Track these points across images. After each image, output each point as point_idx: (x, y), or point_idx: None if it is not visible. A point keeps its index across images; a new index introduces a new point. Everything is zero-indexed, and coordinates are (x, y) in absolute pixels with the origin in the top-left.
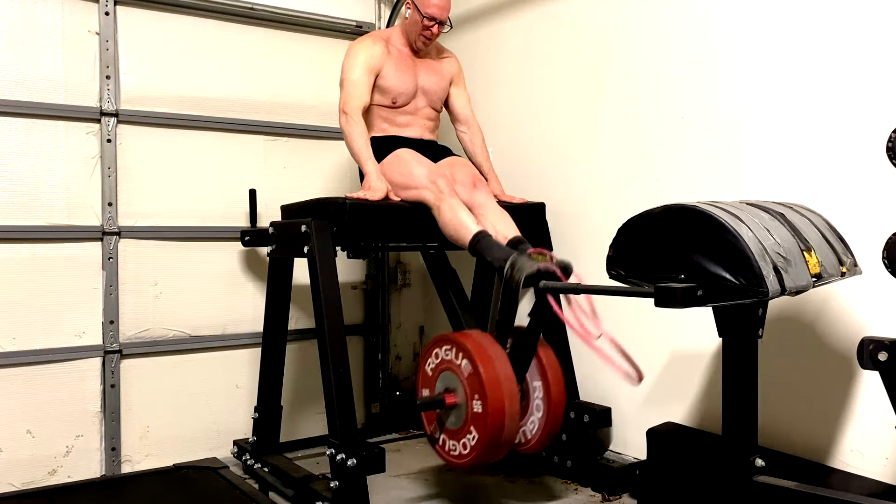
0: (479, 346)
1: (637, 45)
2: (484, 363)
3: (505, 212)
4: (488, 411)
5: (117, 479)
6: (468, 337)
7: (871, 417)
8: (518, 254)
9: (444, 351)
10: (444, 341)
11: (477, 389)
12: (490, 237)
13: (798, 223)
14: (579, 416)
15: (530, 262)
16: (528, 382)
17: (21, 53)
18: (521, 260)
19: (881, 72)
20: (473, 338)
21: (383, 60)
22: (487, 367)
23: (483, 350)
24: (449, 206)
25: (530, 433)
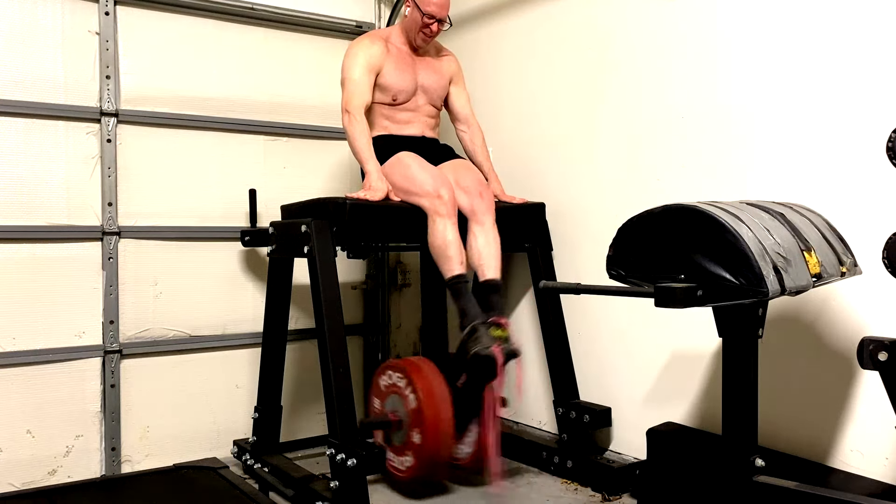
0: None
1: (637, 45)
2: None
3: (497, 241)
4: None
5: (117, 479)
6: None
7: (871, 417)
8: (480, 323)
9: (394, 376)
10: (393, 367)
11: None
12: (465, 284)
13: (798, 223)
14: (579, 416)
15: (487, 338)
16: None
17: (21, 53)
18: (480, 332)
19: (881, 72)
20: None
21: (383, 59)
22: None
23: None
24: (442, 229)
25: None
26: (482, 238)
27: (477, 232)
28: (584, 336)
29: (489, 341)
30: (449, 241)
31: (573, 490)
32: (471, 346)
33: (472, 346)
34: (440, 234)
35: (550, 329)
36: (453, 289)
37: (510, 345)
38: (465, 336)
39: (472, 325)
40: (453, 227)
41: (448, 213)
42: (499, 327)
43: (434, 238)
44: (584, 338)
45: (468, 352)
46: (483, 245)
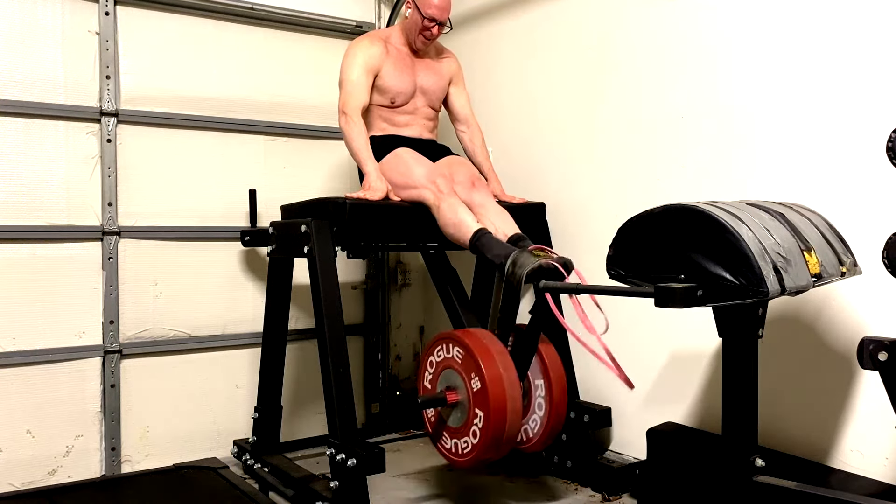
0: (480, 343)
1: (637, 45)
2: (486, 361)
3: (504, 210)
4: (490, 410)
5: (117, 479)
6: (470, 335)
7: (871, 417)
8: (519, 251)
9: (446, 349)
10: (446, 339)
11: (479, 387)
12: (490, 234)
13: (798, 223)
14: (579, 416)
15: (532, 258)
16: (530, 380)
17: (21, 53)
18: (523, 256)
19: (881, 72)
20: (475, 335)
21: (382, 60)
22: (489, 365)
23: (485, 348)
24: (448, 205)
25: (532, 431)
26: (491, 213)
27: (482, 212)
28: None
29: (536, 260)
30: (459, 212)
31: (573, 490)
32: (519, 272)
33: (519, 270)
34: (449, 210)
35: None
36: (479, 242)
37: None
38: (510, 267)
39: (512, 256)
40: (459, 202)
41: (449, 192)
42: (541, 251)
43: (444, 217)
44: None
45: (516, 277)
46: (495, 217)
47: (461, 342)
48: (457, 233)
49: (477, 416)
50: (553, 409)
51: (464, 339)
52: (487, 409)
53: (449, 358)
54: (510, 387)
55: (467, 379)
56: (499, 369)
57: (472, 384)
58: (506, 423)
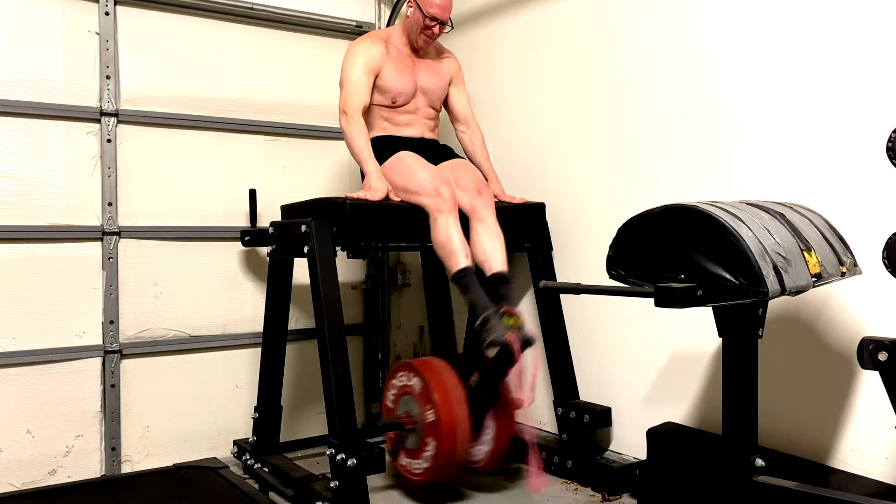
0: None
1: (637, 45)
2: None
3: (500, 234)
4: (442, 440)
5: (117, 479)
6: (428, 367)
7: (871, 417)
8: (492, 313)
9: (407, 376)
10: (407, 368)
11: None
12: (472, 276)
13: (798, 223)
14: (579, 416)
15: (501, 327)
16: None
17: (21, 53)
18: (493, 321)
19: (881, 72)
20: (434, 368)
21: (382, 60)
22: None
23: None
24: (444, 224)
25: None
26: (485, 234)
27: (479, 229)
28: (584, 336)
29: (503, 330)
30: (452, 237)
31: (573, 490)
32: (485, 336)
33: (485, 335)
34: (443, 230)
35: (550, 329)
36: (460, 283)
37: (525, 332)
38: (478, 327)
39: (483, 316)
40: (455, 223)
41: (449, 209)
42: (511, 316)
43: (437, 235)
44: (584, 338)
45: (483, 342)
46: (486, 240)
47: (420, 374)
48: (443, 256)
49: (429, 443)
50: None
51: (422, 372)
52: (439, 439)
53: (409, 385)
54: (460, 420)
55: (423, 409)
56: (451, 405)
57: (427, 414)
58: (455, 451)
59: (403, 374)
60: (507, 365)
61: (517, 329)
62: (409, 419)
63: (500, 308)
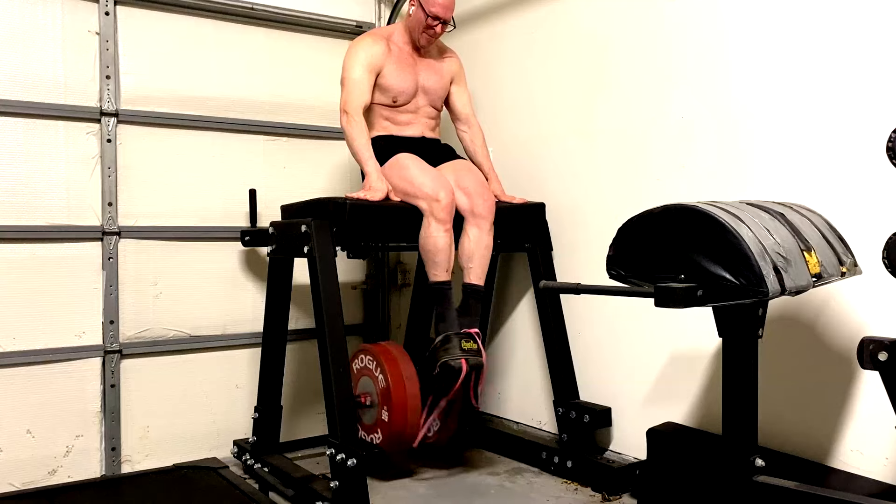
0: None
1: (637, 45)
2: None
3: (489, 246)
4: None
5: (117, 479)
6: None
7: (871, 417)
8: (454, 333)
9: (367, 360)
10: (364, 351)
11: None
12: (449, 292)
13: (798, 223)
14: (579, 416)
15: (457, 349)
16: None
17: (21, 53)
18: (453, 342)
19: (881, 72)
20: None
21: (384, 59)
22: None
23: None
24: (435, 233)
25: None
26: (475, 241)
27: (472, 234)
28: (584, 336)
29: (459, 353)
30: (440, 248)
31: (573, 490)
32: (440, 355)
33: (441, 354)
34: (432, 237)
35: (550, 329)
36: (436, 293)
37: (478, 358)
38: (439, 343)
39: (446, 333)
40: (446, 234)
41: (444, 218)
42: (470, 339)
43: (426, 240)
44: (584, 338)
45: (437, 359)
46: (475, 247)
47: (373, 354)
48: (426, 261)
49: (382, 413)
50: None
51: (376, 352)
52: (390, 407)
53: (366, 367)
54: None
55: (377, 384)
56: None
57: (379, 387)
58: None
59: (360, 356)
60: (450, 385)
61: (473, 353)
62: (365, 396)
63: (462, 329)
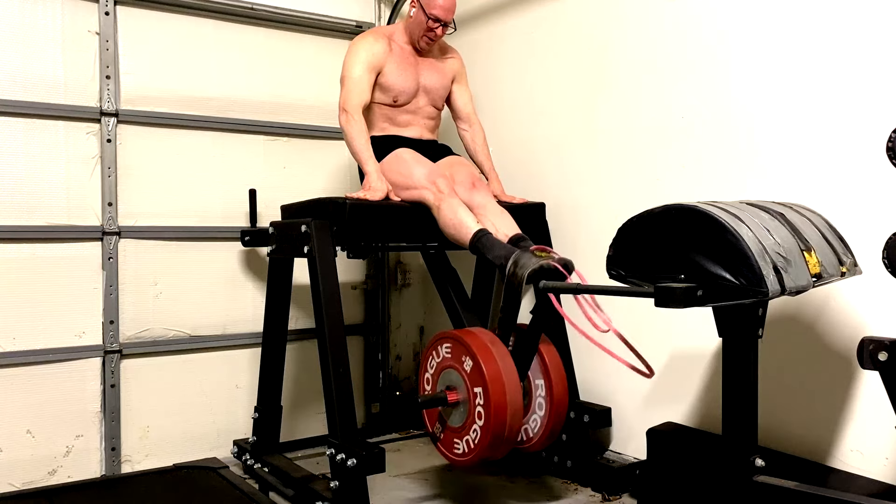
0: (481, 343)
1: (637, 45)
2: (486, 360)
3: (505, 210)
4: (491, 409)
5: (117, 479)
6: (470, 334)
7: (871, 417)
8: (521, 251)
9: (446, 349)
10: (446, 339)
11: (480, 387)
12: (491, 235)
13: (798, 223)
14: (579, 416)
15: (533, 259)
16: (531, 380)
17: (21, 53)
18: (524, 257)
19: (881, 72)
20: (475, 335)
21: (385, 58)
22: (490, 364)
23: (485, 347)
24: (449, 206)
25: (532, 431)
26: (491, 213)
27: (484, 213)
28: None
29: (537, 261)
30: (458, 211)
31: (573, 490)
32: (520, 272)
33: (521, 271)
34: (448, 211)
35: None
36: (479, 243)
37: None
38: (511, 268)
39: (513, 257)
40: (459, 202)
41: (449, 193)
42: (542, 251)
43: (444, 218)
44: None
45: (517, 277)
46: (496, 218)
47: (462, 341)
48: (457, 233)
49: (478, 415)
50: (553, 409)
51: (464, 339)
52: (489, 408)
53: (449, 357)
54: (511, 387)
55: (468, 378)
56: (499, 369)
57: (472, 384)
58: (506, 422)
59: (441, 345)
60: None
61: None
62: (452, 393)
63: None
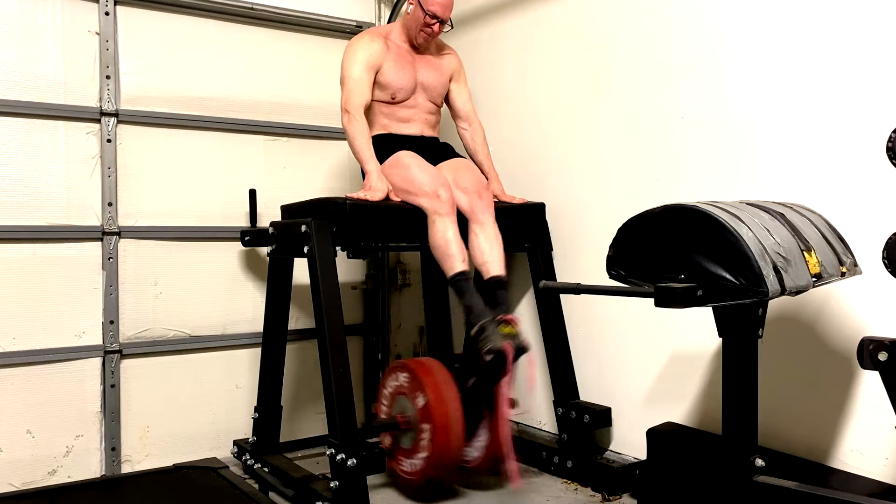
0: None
1: (637, 45)
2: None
3: (498, 238)
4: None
5: (117, 479)
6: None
7: (871, 417)
8: (489, 321)
9: (403, 377)
10: (403, 369)
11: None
12: (469, 282)
13: (798, 223)
14: (579, 416)
15: (496, 336)
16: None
17: (21, 53)
18: (489, 330)
19: (881, 72)
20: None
21: (382, 57)
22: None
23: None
24: (442, 228)
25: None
26: (483, 237)
27: (478, 231)
28: (584, 336)
29: (499, 339)
30: (449, 240)
31: (573, 490)
32: (482, 345)
33: (482, 344)
34: (440, 233)
35: (550, 329)
36: (457, 286)
37: (520, 341)
38: (475, 334)
39: (480, 323)
40: (453, 226)
41: (447, 212)
42: (508, 324)
43: (435, 238)
44: (584, 338)
45: (479, 350)
46: (484, 243)
47: (412, 372)
48: (440, 259)
49: (423, 439)
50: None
51: (420, 375)
52: (433, 434)
53: (402, 386)
54: (453, 415)
55: (419, 413)
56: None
57: (422, 419)
58: (449, 446)
59: (397, 374)
60: (500, 372)
61: (513, 338)
62: (403, 419)
63: (496, 316)
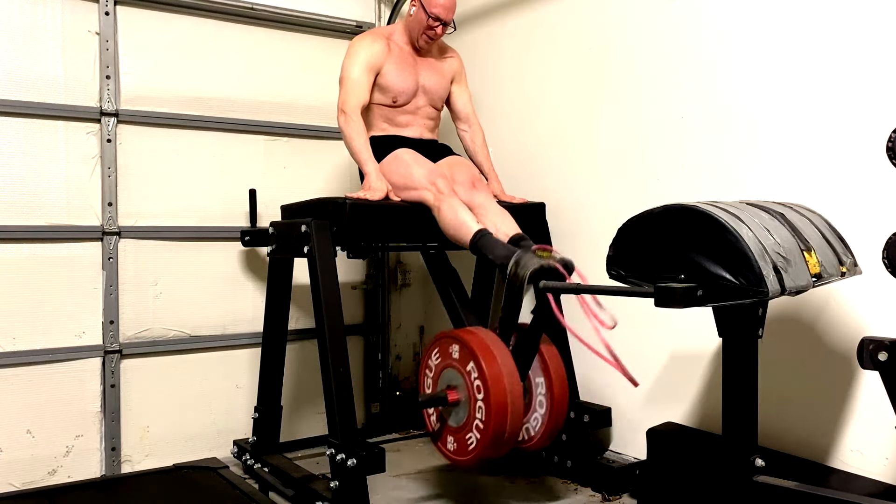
0: (482, 343)
1: (637, 45)
2: (487, 360)
3: (505, 210)
4: (492, 409)
5: (117, 479)
6: (471, 334)
7: (871, 417)
8: (522, 251)
9: (447, 348)
10: (446, 338)
11: (481, 386)
12: (491, 235)
13: (798, 223)
14: (579, 416)
15: (534, 258)
16: (531, 379)
17: (21, 53)
18: (526, 257)
19: (881, 72)
20: (476, 335)
21: (384, 59)
22: (491, 364)
23: (486, 347)
24: (449, 206)
25: (533, 430)
26: (492, 213)
27: (482, 213)
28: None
29: (538, 261)
30: (458, 212)
31: (573, 490)
32: (521, 273)
33: (522, 272)
34: (448, 211)
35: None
36: (480, 243)
37: (564, 258)
38: (512, 268)
39: (515, 257)
40: (459, 202)
41: (449, 193)
42: (544, 251)
43: (444, 218)
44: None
45: (519, 278)
46: (496, 218)
47: (462, 341)
48: (457, 234)
49: (478, 414)
50: (554, 408)
51: (464, 338)
52: (489, 408)
53: (449, 357)
54: (511, 387)
55: (468, 377)
56: (500, 369)
57: (473, 382)
58: (507, 422)
59: (442, 345)
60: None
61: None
62: (453, 393)
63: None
